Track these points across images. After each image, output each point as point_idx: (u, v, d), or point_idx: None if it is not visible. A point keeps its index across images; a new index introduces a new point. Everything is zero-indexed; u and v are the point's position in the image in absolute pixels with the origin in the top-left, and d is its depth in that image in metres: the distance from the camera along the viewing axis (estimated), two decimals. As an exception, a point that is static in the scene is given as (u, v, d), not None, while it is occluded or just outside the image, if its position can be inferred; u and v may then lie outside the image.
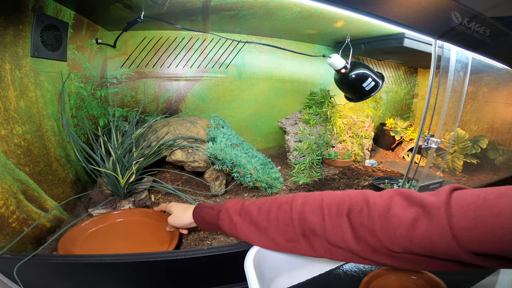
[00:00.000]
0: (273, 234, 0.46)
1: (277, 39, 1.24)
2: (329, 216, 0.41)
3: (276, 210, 0.46)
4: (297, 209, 0.44)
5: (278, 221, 0.45)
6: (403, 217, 0.36)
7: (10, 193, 0.54)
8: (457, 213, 0.33)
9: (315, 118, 1.24)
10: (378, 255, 0.39)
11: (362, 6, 0.64)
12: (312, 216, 0.42)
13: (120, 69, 1.05)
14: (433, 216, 0.34)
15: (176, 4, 0.76)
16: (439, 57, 0.80)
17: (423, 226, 0.34)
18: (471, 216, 0.32)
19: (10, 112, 0.56)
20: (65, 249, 0.57)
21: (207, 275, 0.55)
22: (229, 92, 1.23)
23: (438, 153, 1.00)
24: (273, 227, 0.45)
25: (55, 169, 0.69)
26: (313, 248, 0.43)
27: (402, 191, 0.39)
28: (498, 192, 0.32)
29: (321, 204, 0.43)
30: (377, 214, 0.38)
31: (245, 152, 0.97)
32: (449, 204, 0.34)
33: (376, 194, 0.40)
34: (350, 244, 0.40)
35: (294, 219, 0.44)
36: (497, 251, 0.31)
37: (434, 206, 0.34)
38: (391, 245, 0.37)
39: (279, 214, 0.45)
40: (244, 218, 0.48)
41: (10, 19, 0.56)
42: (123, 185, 0.73)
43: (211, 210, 0.54)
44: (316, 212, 0.42)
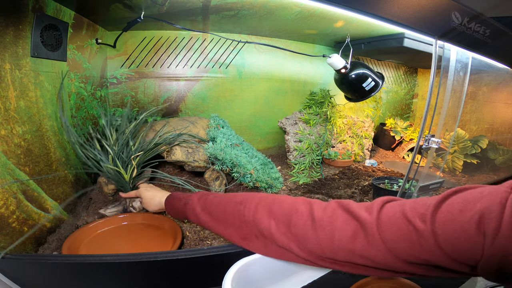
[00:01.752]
0: (229, 229, 0.48)
1: (277, 39, 1.24)
2: (276, 224, 0.43)
3: (232, 209, 0.48)
4: (251, 212, 0.46)
5: (234, 218, 0.48)
6: (343, 231, 0.37)
7: (10, 193, 0.54)
8: (385, 228, 0.35)
9: (315, 118, 1.24)
10: (323, 262, 0.40)
11: (362, 6, 0.64)
12: (263, 220, 0.44)
13: (120, 69, 1.05)
14: (367, 231, 0.36)
15: (176, 4, 0.76)
16: (440, 57, 0.80)
17: (361, 240, 0.36)
18: (395, 229, 0.34)
19: (10, 112, 0.56)
20: (70, 249, 0.58)
21: (207, 275, 0.55)
22: (229, 92, 1.23)
23: (438, 153, 1.00)
24: (229, 223, 0.48)
25: (55, 169, 0.69)
26: (267, 248, 0.45)
27: (342, 204, 0.40)
28: (414, 201, 0.35)
29: (271, 211, 0.44)
30: (320, 227, 0.39)
31: (245, 152, 0.97)
32: (379, 220, 0.36)
33: (321, 206, 0.42)
34: (296, 252, 0.41)
35: (248, 220, 0.46)
36: (423, 260, 0.32)
37: (367, 222, 0.36)
38: (335, 256, 0.38)
39: (233, 213, 0.48)
40: (205, 211, 0.52)
41: (10, 19, 0.56)
42: (128, 180, 0.74)
43: (179, 201, 0.58)
44: (265, 218, 0.44)
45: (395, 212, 0.35)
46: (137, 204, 0.75)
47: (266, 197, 0.47)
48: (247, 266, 0.46)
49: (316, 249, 0.39)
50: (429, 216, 0.32)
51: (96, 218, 0.75)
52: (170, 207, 0.61)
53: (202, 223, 0.52)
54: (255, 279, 0.47)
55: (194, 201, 0.55)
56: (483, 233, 0.28)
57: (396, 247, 0.34)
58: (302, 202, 0.44)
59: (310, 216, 0.41)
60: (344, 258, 0.38)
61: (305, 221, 0.41)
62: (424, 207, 0.33)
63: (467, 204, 0.30)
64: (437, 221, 0.31)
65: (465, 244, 0.29)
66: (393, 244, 0.34)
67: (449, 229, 0.30)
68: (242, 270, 0.45)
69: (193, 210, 0.54)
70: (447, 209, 0.31)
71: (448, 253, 0.30)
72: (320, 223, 0.39)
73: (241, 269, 0.45)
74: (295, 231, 0.41)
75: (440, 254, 0.31)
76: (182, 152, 0.88)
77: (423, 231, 0.32)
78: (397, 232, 0.34)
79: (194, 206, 0.53)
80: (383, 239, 0.34)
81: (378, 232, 0.35)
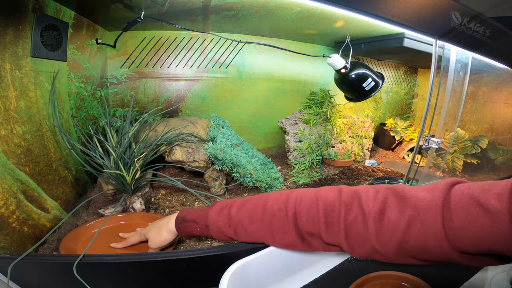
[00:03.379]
0: (271, 240, 0.46)
1: (277, 39, 1.24)
2: (325, 222, 0.42)
3: (270, 218, 0.45)
4: (292, 215, 0.44)
5: (275, 228, 0.45)
6: (397, 221, 0.36)
7: (10, 193, 0.54)
8: (454, 214, 0.33)
9: (315, 118, 1.24)
10: (371, 255, 0.40)
11: (362, 6, 0.64)
12: (307, 223, 0.43)
13: (120, 69, 1.05)
14: (427, 219, 0.34)
15: (176, 4, 0.76)
16: (440, 57, 0.80)
17: (416, 230, 0.35)
18: (464, 215, 0.32)
19: (10, 112, 0.56)
20: (67, 248, 0.57)
21: (207, 275, 0.55)
22: (229, 92, 1.23)
23: (438, 153, 1.00)
24: (270, 235, 0.46)
25: (55, 169, 0.69)
26: (311, 246, 0.44)
27: (395, 191, 0.39)
28: (491, 184, 0.33)
29: (316, 209, 0.42)
30: (372, 221, 0.38)
31: (245, 152, 0.97)
32: (448, 204, 0.34)
33: (370, 196, 0.40)
34: (344, 246, 0.41)
35: (290, 226, 0.44)
36: (487, 248, 0.31)
37: (429, 209, 0.34)
38: (384, 249, 0.37)
39: (273, 223, 0.45)
40: (237, 230, 0.48)
41: (10, 19, 0.56)
42: (130, 181, 0.74)
43: (195, 224, 0.51)
44: (310, 219, 0.43)
45: (463, 196, 0.33)
46: (137, 206, 0.75)
47: (305, 195, 0.45)
48: (245, 267, 0.45)
49: (365, 245, 0.38)
50: (508, 194, 0.30)
51: (95, 218, 0.75)
52: (186, 234, 0.54)
53: (231, 239, 0.49)
54: (253, 280, 0.47)
55: (217, 223, 0.49)
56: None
57: (460, 235, 0.32)
58: (346, 192, 0.42)
59: (360, 209, 0.39)
60: (393, 250, 0.37)
61: (356, 216, 0.39)
62: (499, 187, 0.32)
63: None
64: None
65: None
66: (457, 232, 0.32)
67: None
68: (239, 271, 0.44)
69: (220, 233, 0.49)
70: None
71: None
72: (370, 215, 0.38)
73: (238, 270, 0.44)
74: (344, 227, 0.40)
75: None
76: (182, 152, 0.88)
77: (498, 211, 0.30)
78: (466, 218, 0.31)
79: (221, 229, 0.49)
80: (447, 226, 0.33)
81: (441, 220, 0.33)
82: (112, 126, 0.84)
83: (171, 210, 0.79)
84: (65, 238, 0.60)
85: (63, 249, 0.57)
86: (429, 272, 0.51)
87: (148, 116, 0.92)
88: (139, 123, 0.86)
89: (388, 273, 0.50)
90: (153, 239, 0.55)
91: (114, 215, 0.71)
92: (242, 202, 0.49)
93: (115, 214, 0.71)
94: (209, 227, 0.50)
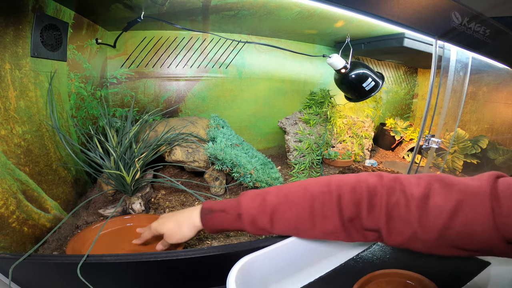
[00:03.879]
0: (310, 227, 0.43)
1: (277, 39, 1.24)
2: (368, 204, 0.40)
3: (311, 203, 0.43)
4: (336, 196, 0.42)
5: (317, 213, 0.42)
6: (443, 207, 0.35)
7: (10, 193, 0.54)
8: (502, 201, 0.32)
9: (315, 118, 1.24)
10: (409, 242, 0.39)
11: (362, 6, 0.64)
12: (350, 205, 0.41)
13: (120, 69, 1.05)
14: (476, 204, 0.33)
15: (176, 4, 0.76)
16: (440, 57, 0.80)
17: (464, 215, 0.34)
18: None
19: (10, 112, 0.56)
20: (74, 249, 0.57)
21: (207, 275, 0.55)
22: (229, 92, 1.23)
23: (438, 153, 1.00)
24: (310, 221, 0.43)
25: (55, 169, 0.69)
26: (350, 235, 0.43)
27: (441, 177, 0.38)
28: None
29: (360, 191, 0.41)
30: (415, 206, 0.37)
31: (245, 152, 0.97)
32: (496, 192, 0.33)
33: (413, 182, 0.39)
34: (383, 231, 0.40)
35: (334, 210, 0.42)
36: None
37: (478, 194, 0.34)
38: (426, 235, 0.36)
39: (315, 207, 0.42)
40: (273, 217, 0.44)
41: (10, 19, 0.56)
42: (130, 182, 0.74)
43: (225, 215, 0.47)
44: (354, 201, 0.41)
45: (510, 185, 0.33)
46: (136, 207, 0.75)
47: (345, 180, 0.43)
48: (252, 263, 0.45)
49: (406, 231, 0.38)
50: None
51: (95, 218, 0.75)
52: (212, 227, 0.49)
53: (272, 233, 0.45)
54: (259, 276, 0.47)
55: (250, 210, 0.45)
56: None
57: (509, 223, 0.31)
58: (386, 177, 0.41)
59: (403, 193, 0.38)
60: (435, 236, 0.36)
61: (398, 199, 0.38)
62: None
63: None
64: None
65: None
66: (507, 219, 0.31)
67: None
68: (246, 266, 0.44)
69: (253, 222, 0.45)
70: None
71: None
72: (413, 200, 0.37)
73: (245, 265, 0.43)
74: (386, 210, 0.39)
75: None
76: (182, 152, 0.88)
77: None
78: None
79: (255, 218, 0.45)
80: (496, 213, 0.32)
81: (491, 206, 0.32)
82: (112, 126, 0.84)
83: (171, 210, 0.79)
84: (72, 240, 0.60)
85: (70, 250, 0.57)
86: (433, 271, 0.51)
87: (148, 116, 0.92)
88: (140, 123, 0.86)
89: (394, 271, 0.50)
90: (172, 234, 0.51)
91: (121, 217, 0.71)
92: (278, 188, 0.46)
93: (122, 216, 0.72)
94: (241, 216, 0.45)
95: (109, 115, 1.02)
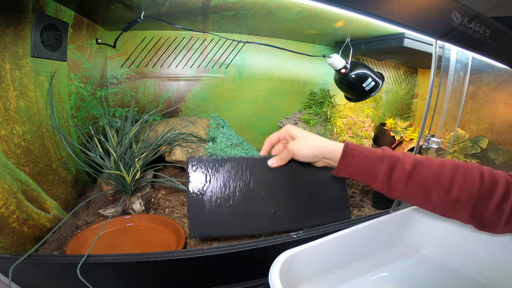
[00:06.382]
0: (444, 194, 0.42)
1: (277, 39, 1.24)
2: (503, 189, 0.41)
3: (454, 170, 0.43)
4: (478, 173, 0.42)
5: (456, 179, 0.42)
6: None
7: (10, 193, 0.54)
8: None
9: (315, 118, 1.24)
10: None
11: (362, 6, 0.64)
12: (488, 184, 0.42)
13: (120, 69, 1.05)
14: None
15: (176, 4, 0.76)
16: (440, 57, 0.80)
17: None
18: None
19: (10, 112, 0.56)
20: (74, 249, 0.58)
21: (207, 275, 0.55)
22: (229, 92, 1.23)
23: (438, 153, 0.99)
24: (447, 185, 0.42)
25: (55, 169, 0.69)
26: (472, 216, 0.42)
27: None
28: None
29: (501, 176, 0.42)
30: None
31: (245, 152, 0.97)
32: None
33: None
34: (500, 226, 0.41)
35: (475, 183, 0.42)
36: None
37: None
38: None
39: (457, 176, 0.42)
40: (416, 169, 0.43)
41: (10, 19, 0.56)
42: (130, 182, 0.74)
43: (369, 153, 0.45)
44: (491, 181, 0.42)
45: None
46: (136, 207, 0.75)
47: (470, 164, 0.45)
48: (292, 258, 0.44)
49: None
50: None
51: (95, 218, 0.75)
52: (350, 163, 0.45)
53: (394, 190, 0.44)
54: (302, 272, 0.47)
55: (394, 154, 0.45)
56: None
57: None
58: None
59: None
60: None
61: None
62: None
63: None
64: None
65: None
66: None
67: None
68: (288, 261, 0.43)
69: (393, 165, 0.44)
70: None
71: None
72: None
73: (287, 260, 0.43)
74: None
75: None
76: (182, 152, 0.88)
77: None
78: None
79: (398, 159, 0.44)
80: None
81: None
82: (112, 126, 0.84)
83: (171, 210, 0.79)
84: (72, 240, 0.60)
85: (70, 250, 0.57)
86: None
87: (148, 116, 0.92)
88: (140, 123, 0.86)
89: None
90: (300, 141, 0.48)
91: (121, 217, 0.71)
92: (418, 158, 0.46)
93: (122, 216, 0.72)
94: (384, 159, 0.44)
95: (109, 115, 1.02)
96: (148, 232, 0.69)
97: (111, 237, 0.66)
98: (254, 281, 0.57)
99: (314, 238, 0.48)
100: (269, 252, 0.52)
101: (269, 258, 0.44)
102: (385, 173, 0.44)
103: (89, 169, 0.74)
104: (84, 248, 0.60)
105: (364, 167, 0.45)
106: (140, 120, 0.87)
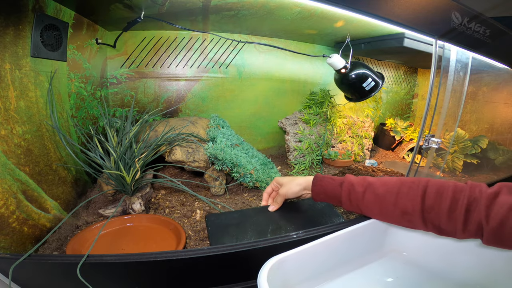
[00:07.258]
0: (392, 206, 0.50)
1: (277, 39, 1.24)
2: (450, 199, 0.45)
3: (400, 186, 0.50)
4: (423, 185, 0.48)
5: (402, 193, 0.49)
6: (507, 202, 0.40)
7: (10, 193, 0.54)
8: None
9: (315, 118, 1.24)
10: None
11: (362, 6, 0.64)
12: (432, 197, 0.47)
13: (120, 69, 1.05)
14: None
15: (176, 4, 0.76)
16: (440, 57, 0.80)
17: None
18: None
19: (10, 112, 0.56)
20: (74, 249, 0.57)
21: (207, 275, 0.55)
22: (229, 92, 1.23)
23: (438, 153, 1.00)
24: (395, 198, 0.50)
25: (55, 169, 0.69)
26: (425, 223, 0.47)
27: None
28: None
29: (446, 188, 0.46)
30: (485, 199, 0.43)
31: (245, 152, 0.97)
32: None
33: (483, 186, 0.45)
34: (458, 233, 0.45)
35: (418, 196, 0.48)
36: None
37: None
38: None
39: (403, 189, 0.50)
40: (367, 191, 0.52)
41: (10, 19, 0.56)
42: (130, 182, 0.74)
43: (332, 181, 0.57)
44: (436, 194, 0.47)
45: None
46: (136, 207, 0.75)
47: (439, 181, 0.49)
48: (281, 263, 0.45)
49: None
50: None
51: (95, 218, 0.75)
52: (319, 188, 0.59)
53: (361, 203, 0.53)
54: (288, 276, 0.47)
55: (352, 180, 0.54)
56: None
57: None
58: (472, 185, 0.46)
59: (480, 193, 0.44)
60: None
61: (476, 198, 0.44)
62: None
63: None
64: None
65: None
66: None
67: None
68: (276, 266, 0.44)
69: (351, 189, 0.53)
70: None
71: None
72: (485, 197, 0.43)
73: (275, 265, 0.44)
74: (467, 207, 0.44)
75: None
76: (182, 152, 0.88)
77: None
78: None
79: (354, 185, 0.54)
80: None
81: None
82: (112, 126, 0.84)
83: (171, 210, 0.79)
84: (72, 240, 0.60)
85: (70, 250, 0.57)
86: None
87: (148, 116, 0.92)
88: (140, 123, 0.86)
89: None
90: (285, 182, 0.65)
91: (121, 217, 0.71)
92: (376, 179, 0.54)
93: (122, 216, 0.72)
94: (343, 184, 0.55)
95: (109, 115, 1.02)
96: (148, 232, 0.69)
97: (111, 237, 0.66)
98: (254, 281, 0.57)
99: (314, 238, 0.48)
100: (269, 252, 0.52)
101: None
102: (345, 196, 0.55)
103: (89, 169, 0.74)
104: (84, 248, 0.60)
105: (329, 192, 0.57)
106: (140, 120, 0.87)
